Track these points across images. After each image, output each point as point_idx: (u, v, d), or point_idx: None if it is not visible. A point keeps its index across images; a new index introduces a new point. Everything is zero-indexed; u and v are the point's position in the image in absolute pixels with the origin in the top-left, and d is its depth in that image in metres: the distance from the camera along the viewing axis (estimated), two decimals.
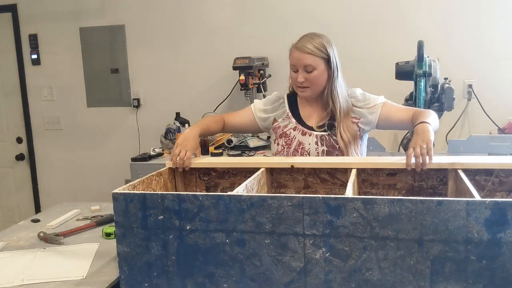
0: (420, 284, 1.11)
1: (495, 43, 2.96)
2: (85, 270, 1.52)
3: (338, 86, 1.81)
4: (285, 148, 1.87)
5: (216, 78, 3.43)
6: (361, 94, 1.87)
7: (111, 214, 1.94)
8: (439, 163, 1.44)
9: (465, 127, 3.06)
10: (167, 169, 1.64)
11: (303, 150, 1.84)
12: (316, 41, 1.77)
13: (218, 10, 3.38)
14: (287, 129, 1.89)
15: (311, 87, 1.79)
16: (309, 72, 1.76)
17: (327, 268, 1.16)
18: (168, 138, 3.23)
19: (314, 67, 1.75)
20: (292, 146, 1.86)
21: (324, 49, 1.76)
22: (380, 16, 3.10)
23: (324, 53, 1.76)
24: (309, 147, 1.83)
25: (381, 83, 3.08)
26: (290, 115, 1.90)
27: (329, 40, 1.82)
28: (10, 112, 3.92)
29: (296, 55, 1.77)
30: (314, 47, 1.75)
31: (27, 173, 3.97)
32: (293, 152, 1.85)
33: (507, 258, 1.06)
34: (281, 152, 1.88)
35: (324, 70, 1.78)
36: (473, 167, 1.44)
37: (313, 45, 1.75)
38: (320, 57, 1.76)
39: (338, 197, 1.13)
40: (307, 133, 1.85)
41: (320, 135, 1.83)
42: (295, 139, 1.86)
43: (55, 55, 3.74)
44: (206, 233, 1.23)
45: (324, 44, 1.78)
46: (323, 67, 1.77)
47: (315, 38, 1.78)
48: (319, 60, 1.76)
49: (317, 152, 1.82)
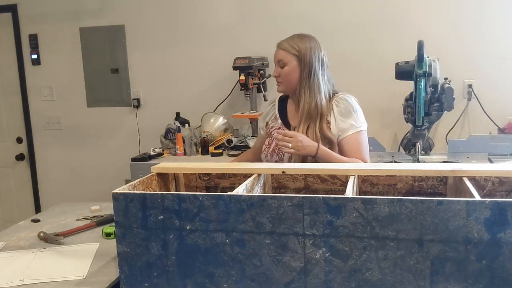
0: (420, 284, 1.11)
1: (495, 43, 2.96)
2: (85, 270, 1.51)
3: (310, 86, 1.83)
4: (266, 148, 1.94)
5: (216, 78, 3.43)
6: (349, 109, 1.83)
7: (111, 214, 1.94)
8: (440, 170, 1.43)
9: (465, 127, 3.06)
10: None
11: (279, 151, 1.88)
12: (293, 39, 1.87)
13: (218, 10, 3.37)
14: (273, 129, 1.95)
15: (283, 82, 1.89)
16: (282, 68, 1.87)
17: (327, 268, 1.16)
18: (168, 138, 3.23)
19: (285, 62, 1.86)
20: (271, 146, 1.91)
21: (297, 47, 1.84)
22: (380, 16, 3.10)
23: (296, 51, 1.84)
24: None
25: (381, 83, 3.09)
26: (278, 116, 1.98)
27: (313, 42, 1.87)
28: (10, 112, 3.91)
29: (275, 51, 1.90)
30: (288, 44, 1.86)
31: (27, 173, 3.97)
32: (271, 152, 1.91)
33: (507, 258, 1.06)
34: (263, 151, 1.94)
35: (296, 67, 1.85)
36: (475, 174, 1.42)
37: (288, 43, 1.86)
38: (292, 53, 1.84)
39: (338, 197, 1.13)
40: None
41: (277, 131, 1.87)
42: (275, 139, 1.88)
43: (55, 55, 3.73)
44: (206, 233, 1.23)
45: (300, 43, 1.84)
46: (295, 64, 1.85)
47: (295, 37, 1.88)
48: (291, 57, 1.85)
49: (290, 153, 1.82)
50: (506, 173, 1.40)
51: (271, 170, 1.55)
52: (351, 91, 1.95)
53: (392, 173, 1.50)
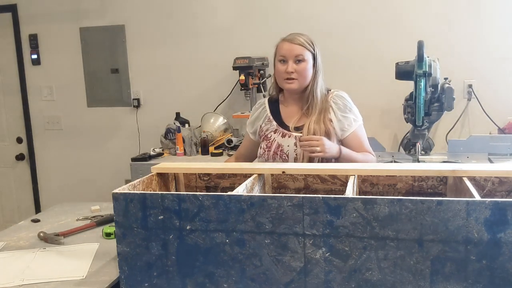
0: (420, 284, 1.11)
1: (495, 43, 2.96)
2: (85, 270, 1.51)
3: (318, 83, 1.87)
4: (266, 152, 1.90)
5: (216, 78, 3.43)
6: (345, 104, 1.88)
7: (111, 214, 1.94)
8: (440, 170, 1.44)
9: (465, 127, 3.06)
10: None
11: (282, 153, 1.86)
12: (304, 35, 1.87)
13: (218, 10, 3.37)
14: (268, 132, 1.92)
15: (298, 79, 1.84)
16: (299, 63, 1.83)
17: (327, 268, 1.16)
18: (168, 138, 3.23)
19: (305, 58, 1.83)
20: (272, 149, 1.88)
21: (313, 44, 1.86)
22: (380, 16, 3.10)
23: (311, 47, 1.85)
24: (288, 149, 1.85)
25: (381, 83, 3.09)
26: (271, 118, 1.95)
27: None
28: (10, 112, 3.91)
29: (287, 46, 1.85)
30: (305, 40, 1.85)
31: (27, 173, 3.97)
32: (272, 155, 1.87)
33: (507, 258, 1.06)
34: (263, 155, 1.91)
35: (311, 65, 1.85)
36: (475, 174, 1.43)
37: (303, 39, 1.85)
38: (309, 50, 1.84)
39: (338, 197, 1.13)
40: (287, 134, 1.87)
41: (299, 136, 1.83)
42: (274, 141, 1.88)
43: (55, 55, 3.73)
44: (206, 233, 1.23)
45: (310, 38, 1.87)
46: (311, 62, 1.85)
47: (304, 34, 1.88)
48: (309, 54, 1.84)
49: (296, 153, 1.83)
50: (506, 173, 1.40)
51: (271, 170, 1.55)
52: (351, 91, 1.96)
53: (392, 173, 1.50)
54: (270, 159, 1.88)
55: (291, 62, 1.83)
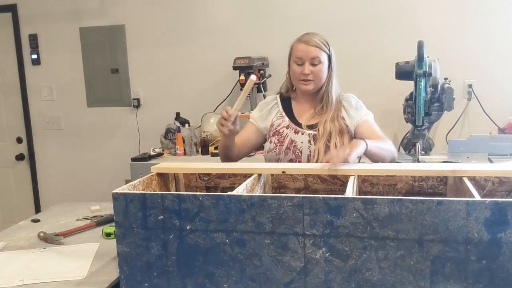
0: (420, 284, 1.11)
1: (495, 43, 2.96)
2: (85, 270, 1.52)
3: (333, 84, 1.89)
4: (277, 146, 1.88)
5: (216, 78, 3.43)
6: (356, 101, 1.91)
7: (111, 214, 1.94)
8: (440, 170, 1.44)
9: (465, 127, 3.06)
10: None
11: (295, 148, 1.85)
12: (319, 36, 1.86)
13: (218, 10, 3.38)
14: (280, 127, 1.91)
15: (315, 80, 1.85)
16: (315, 65, 1.83)
17: (327, 268, 1.16)
18: (168, 138, 3.23)
19: (321, 60, 1.83)
20: (285, 144, 1.87)
21: (328, 45, 1.86)
22: (380, 16, 3.10)
23: (328, 49, 1.86)
24: (301, 145, 1.84)
25: (381, 83, 3.09)
26: (284, 114, 1.94)
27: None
28: (10, 112, 3.91)
29: (303, 48, 1.83)
30: (320, 41, 1.84)
31: (27, 173, 3.97)
32: (285, 150, 1.86)
33: (507, 258, 1.06)
34: (273, 150, 1.88)
35: (327, 66, 1.86)
36: (475, 174, 1.42)
37: (319, 40, 1.84)
38: (325, 52, 1.84)
39: (338, 197, 1.13)
40: (300, 131, 1.87)
41: (313, 134, 1.84)
42: (287, 137, 1.87)
43: (55, 55, 3.73)
44: (206, 233, 1.23)
45: (327, 41, 1.87)
46: (327, 63, 1.85)
47: (318, 35, 1.87)
48: (324, 55, 1.84)
49: (309, 150, 1.83)
50: (506, 173, 1.40)
51: (271, 170, 1.55)
52: (351, 91, 1.97)
53: (392, 173, 1.50)
54: (281, 154, 1.86)
55: (308, 64, 1.82)
